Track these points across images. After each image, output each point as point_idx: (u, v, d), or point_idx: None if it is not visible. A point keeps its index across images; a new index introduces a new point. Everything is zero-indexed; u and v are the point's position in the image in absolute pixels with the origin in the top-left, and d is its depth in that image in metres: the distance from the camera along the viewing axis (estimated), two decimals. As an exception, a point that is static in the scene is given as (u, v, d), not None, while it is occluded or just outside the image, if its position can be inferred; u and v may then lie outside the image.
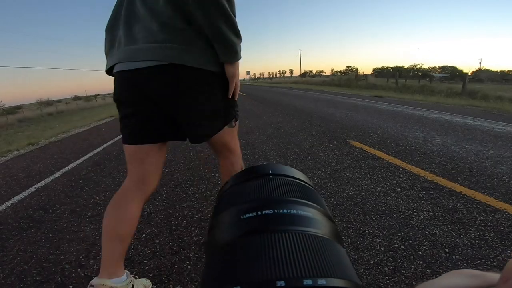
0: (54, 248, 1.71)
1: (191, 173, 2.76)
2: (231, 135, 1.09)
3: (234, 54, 0.90)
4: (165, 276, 1.38)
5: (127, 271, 1.12)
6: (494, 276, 0.16)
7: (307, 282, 0.13)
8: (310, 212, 0.19)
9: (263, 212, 0.18)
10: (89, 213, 2.10)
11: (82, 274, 1.46)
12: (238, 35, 0.88)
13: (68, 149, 4.52)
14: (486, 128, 4.21)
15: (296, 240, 0.16)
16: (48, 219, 2.08)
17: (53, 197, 2.50)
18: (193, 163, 3.09)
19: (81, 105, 23.12)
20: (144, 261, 1.50)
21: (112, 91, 1.02)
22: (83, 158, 3.74)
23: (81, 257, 1.60)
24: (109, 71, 1.01)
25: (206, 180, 2.56)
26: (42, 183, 2.90)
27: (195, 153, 3.48)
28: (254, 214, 0.18)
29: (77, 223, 1.98)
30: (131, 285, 1.12)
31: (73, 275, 1.45)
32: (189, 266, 1.43)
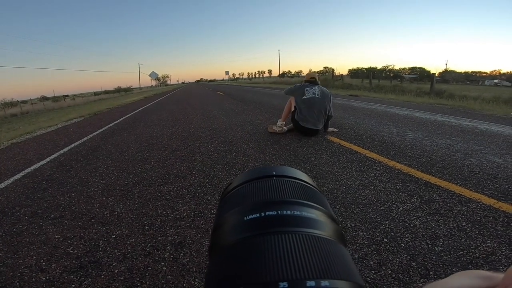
0: (12, 252, 1.56)
1: (166, 171, 2.64)
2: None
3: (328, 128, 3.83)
4: (138, 279, 1.27)
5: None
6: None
7: (310, 283, 0.13)
8: (314, 213, 0.19)
9: (267, 213, 0.18)
10: (52, 215, 1.93)
11: (43, 278, 1.33)
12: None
13: (31, 150, 4.20)
14: (454, 124, 4.41)
15: (300, 242, 0.16)
16: (7, 222, 1.91)
17: (12, 199, 2.29)
18: (169, 161, 2.96)
19: (48, 105, 21.72)
20: (114, 264, 1.38)
21: (82, 90, 1.22)
22: (47, 159, 3.48)
23: (42, 260, 1.46)
24: None
25: (182, 177, 2.45)
26: (1, 185, 2.67)
27: (171, 151, 3.35)
28: (258, 215, 0.18)
29: (38, 225, 1.82)
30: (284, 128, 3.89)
31: (33, 279, 1.33)
32: (164, 268, 1.33)
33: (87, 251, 1.50)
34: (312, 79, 3.81)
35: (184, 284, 1.22)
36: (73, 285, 1.26)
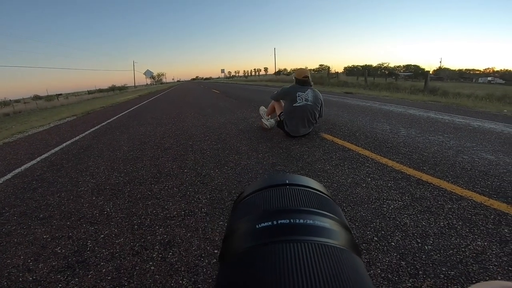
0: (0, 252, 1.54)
1: (158, 170, 2.61)
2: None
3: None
4: (125, 278, 1.26)
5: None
6: None
7: None
8: (327, 222, 0.19)
9: (279, 221, 0.18)
10: (41, 215, 1.90)
11: (30, 278, 1.31)
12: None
13: (23, 149, 4.14)
14: (447, 120, 4.43)
15: (312, 251, 0.15)
16: (-5, 223, 1.88)
17: (2, 200, 2.26)
18: (161, 159, 2.94)
19: (41, 104, 21.49)
20: (101, 263, 1.36)
21: (76, 89, 1.24)
22: (38, 159, 3.43)
23: (29, 260, 1.44)
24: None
25: (173, 176, 2.43)
26: (-9, 186, 2.62)
27: (163, 149, 3.32)
28: (270, 223, 0.18)
29: (27, 225, 1.79)
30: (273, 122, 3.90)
31: (20, 279, 1.31)
32: (152, 267, 1.32)
33: (75, 251, 1.48)
34: (304, 78, 3.35)
35: (172, 284, 1.20)
36: (59, 285, 1.25)
